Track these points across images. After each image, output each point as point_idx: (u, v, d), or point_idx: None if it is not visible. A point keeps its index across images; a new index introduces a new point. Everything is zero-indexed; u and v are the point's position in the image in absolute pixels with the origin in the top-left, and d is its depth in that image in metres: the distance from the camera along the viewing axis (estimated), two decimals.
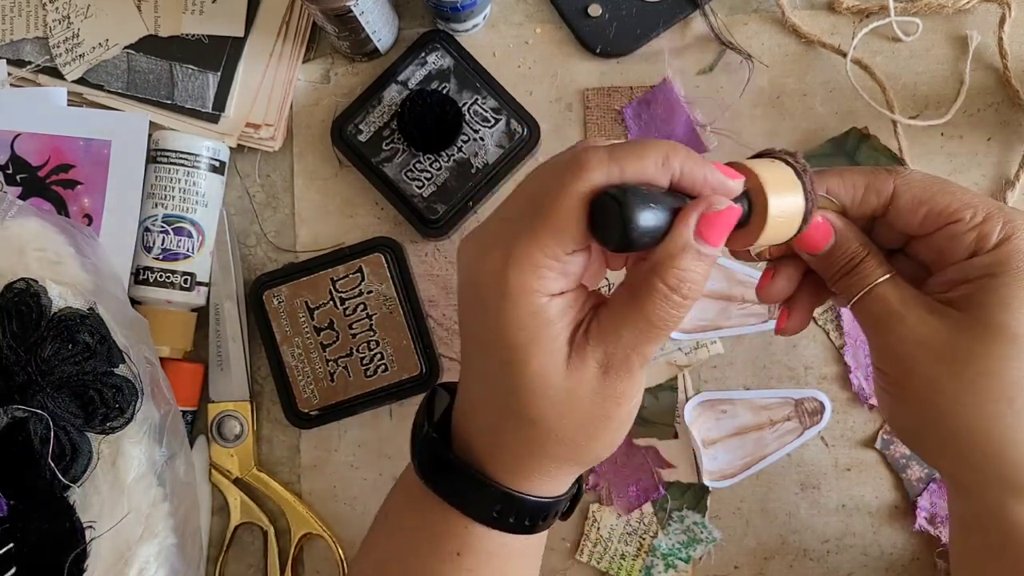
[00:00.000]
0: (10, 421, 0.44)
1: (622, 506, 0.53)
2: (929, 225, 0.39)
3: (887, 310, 0.38)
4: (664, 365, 0.54)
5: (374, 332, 0.53)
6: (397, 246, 0.53)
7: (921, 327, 0.38)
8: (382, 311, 0.53)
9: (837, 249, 0.39)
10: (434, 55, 0.54)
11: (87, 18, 0.55)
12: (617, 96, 0.55)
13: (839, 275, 0.40)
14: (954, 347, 0.37)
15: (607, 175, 0.34)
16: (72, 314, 0.47)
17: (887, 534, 0.53)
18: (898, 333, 0.38)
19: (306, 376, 0.53)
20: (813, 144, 0.54)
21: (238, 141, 0.55)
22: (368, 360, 0.53)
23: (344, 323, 0.53)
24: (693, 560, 0.53)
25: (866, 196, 0.39)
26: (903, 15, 0.54)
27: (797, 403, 0.53)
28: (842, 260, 0.39)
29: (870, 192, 0.39)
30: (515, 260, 0.34)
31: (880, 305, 0.39)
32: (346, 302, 0.53)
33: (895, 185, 0.39)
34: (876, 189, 0.39)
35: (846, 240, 0.39)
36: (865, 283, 0.39)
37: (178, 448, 0.50)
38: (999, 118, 0.54)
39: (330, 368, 0.53)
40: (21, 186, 0.54)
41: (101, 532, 0.46)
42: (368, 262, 0.53)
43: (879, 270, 0.39)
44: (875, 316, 0.39)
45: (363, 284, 0.53)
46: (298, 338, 0.53)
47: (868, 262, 0.39)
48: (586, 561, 0.53)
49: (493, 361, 0.36)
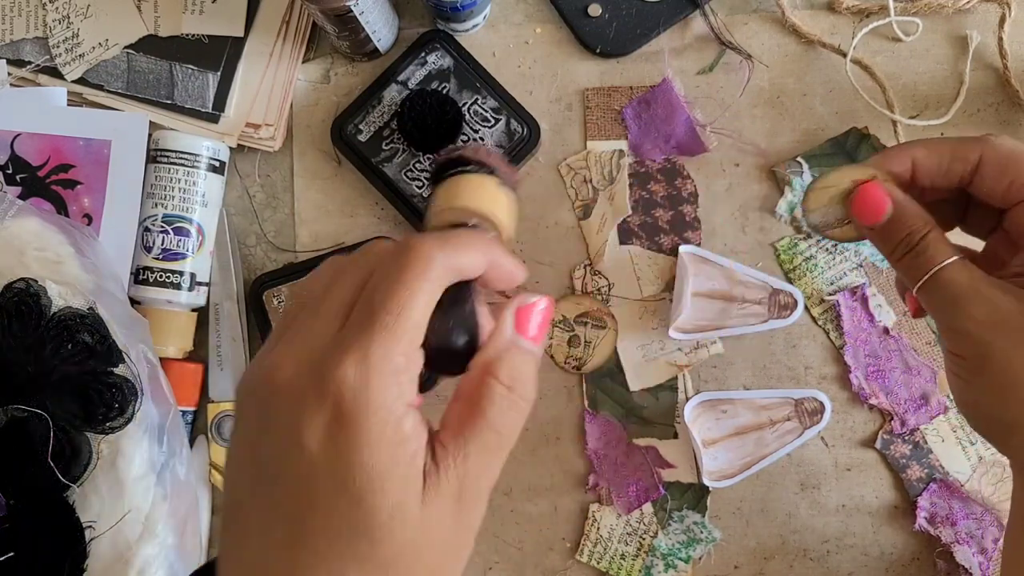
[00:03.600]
0: (10, 421, 0.44)
1: (622, 506, 0.53)
2: (1014, 196, 0.38)
3: (957, 292, 0.37)
4: (664, 365, 0.54)
5: None
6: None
7: (997, 307, 0.36)
8: None
9: (895, 222, 0.38)
10: (434, 55, 0.54)
11: (87, 18, 0.55)
12: (617, 96, 0.55)
13: (901, 252, 0.38)
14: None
15: (444, 267, 0.31)
16: (72, 314, 0.47)
17: (887, 534, 0.53)
18: (971, 315, 0.37)
19: None
20: (813, 144, 0.54)
21: (238, 141, 0.55)
22: None
23: None
24: (693, 560, 0.53)
25: (952, 165, 0.38)
26: (903, 15, 0.54)
27: (797, 403, 0.53)
28: (902, 233, 0.38)
29: (956, 160, 0.38)
30: (375, 366, 0.28)
31: (949, 288, 0.37)
32: None
33: (982, 152, 0.38)
34: (962, 157, 0.38)
35: (905, 212, 0.38)
36: (930, 264, 0.38)
37: (178, 448, 0.50)
38: (999, 118, 0.54)
39: None
40: (21, 186, 0.54)
41: (101, 532, 0.46)
42: None
43: (945, 250, 0.37)
44: (945, 299, 0.37)
45: None
46: None
47: (932, 240, 0.38)
48: (586, 561, 0.53)
49: (326, 503, 0.29)
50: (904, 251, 0.38)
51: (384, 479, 0.28)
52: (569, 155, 0.55)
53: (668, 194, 0.55)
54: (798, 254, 0.54)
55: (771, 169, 0.54)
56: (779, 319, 0.53)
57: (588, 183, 0.55)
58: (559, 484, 0.54)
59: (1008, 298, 0.36)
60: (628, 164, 0.55)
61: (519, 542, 0.54)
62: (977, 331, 0.37)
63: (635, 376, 0.54)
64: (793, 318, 0.53)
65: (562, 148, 0.55)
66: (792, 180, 0.54)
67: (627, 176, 0.55)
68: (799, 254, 0.54)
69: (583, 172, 0.55)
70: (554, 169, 0.55)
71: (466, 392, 0.32)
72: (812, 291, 0.53)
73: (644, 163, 0.55)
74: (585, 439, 0.54)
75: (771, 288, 0.54)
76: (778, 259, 0.54)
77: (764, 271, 0.54)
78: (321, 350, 0.29)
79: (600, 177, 0.55)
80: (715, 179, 0.54)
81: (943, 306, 0.38)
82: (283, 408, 0.29)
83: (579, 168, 0.55)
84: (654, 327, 0.54)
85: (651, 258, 0.54)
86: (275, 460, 0.30)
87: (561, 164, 0.55)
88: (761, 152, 0.54)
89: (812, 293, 0.53)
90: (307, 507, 0.29)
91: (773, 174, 0.54)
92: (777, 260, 0.54)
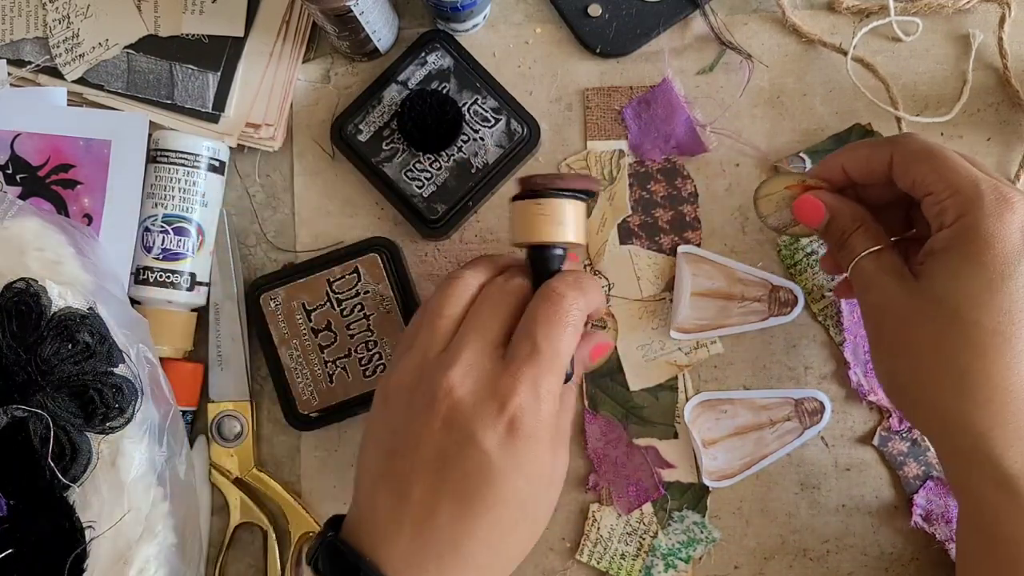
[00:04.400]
0: (10, 421, 0.44)
1: (622, 506, 0.53)
2: (919, 191, 0.42)
3: (866, 279, 0.43)
4: (664, 365, 0.54)
5: (372, 332, 0.53)
6: (393, 246, 0.53)
7: (886, 293, 0.42)
8: (379, 311, 0.53)
9: (832, 223, 0.45)
10: (434, 55, 0.54)
11: (87, 18, 0.55)
12: (617, 96, 0.55)
13: (836, 247, 0.45)
14: (906, 314, 0.41)
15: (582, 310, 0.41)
16: (72, 314, 0.47)
17: (887, 534, 0.53)
18: (868, 299, 0.43)
19: (305, 378, 0.53)
20: (815, 142, 0.54)
21: (238, 141, 0.55)
22: (367, 360, 0.53)
23: (342, 324, 0.53)
24: (693, 560, 0.53)
25: (870, 165, 0.44)
26: (903, 15, 0.54)
27: (797, 403, 0.53)
28: (836, 233, 0.45)
29: (872, 161, 0.44)
30: (543, 395, 0.40)
31: (861, 275, 0.43)
32: (343, 303, 0.53)
33: (892, 151, 0.43)
34: (877, 157, 0.43)
35: (839, 215, 0.45)
36: (852, 256, 0.44)
37: (178, 448, 0.50)
38: (999, 118, 0.54)
39: (329, 369, 0.53)
40: (21, 186, 0.54)
41: (101, 532, 0.46)
42: (364, 262, 0.53)
43: (865, 243, 0.43)
44: (858, 284, 0.44)
45: (360, 284, 0.53)
46: (296, 340, 0.53)
47: (856, 236, 0.44)
48: (586, 561, 0.53)
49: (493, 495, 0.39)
50: (838, 246, 0.45)
51: (543, 480, 0.40)
52: (569, 155, 0.55)
53: (668, 194, 0.55)
54: (799, 250, 0.54)
55: (773, 164, 0.54)
56: (780, 316, 0.53)
57: None
58: None
59: (896, 285, 0.42)
60: (628, 164, 0.55)
61: None
62: (872, 313, 0.43)
63: (635, 376, 0.54)
64: (794, 314, 0.53)
65: (562, 148, 0.55)
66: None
67: (627, 176, 0.55)
68: (800, 250, 0.54)
69: (583, 172, 0.55)
70: (554, 169, 0.55)
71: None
72: (813, 287, 0.53)
73: (644, 163, 0.55)
74: (585, 439, 0.54)
75: (771, 285, 0.54)
76: (779, 255, 0.54)
77: (764, 270, 0.54)
78: (491, 373, 0.39)
79: (600, 177, 0.55)
80: (715, 179, 0.54)
81: (858, 288, 0.44)
82: (461, 415, 0.39)
83: (579, 168, 0.55)
84: (654, 327, 0.54)
85: (651, 258, 0.54)
86: (448, 451, 0.38)
87: (561, 164, 0.55)
88: (762, 155, 0.54)
89: (813, 289, 0.53)
90: (475, 493, 0.38)
91: (775, 169, 0.54)
92: (779, 256, 0.54)
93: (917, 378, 0.41)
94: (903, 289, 0.41)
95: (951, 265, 0.39)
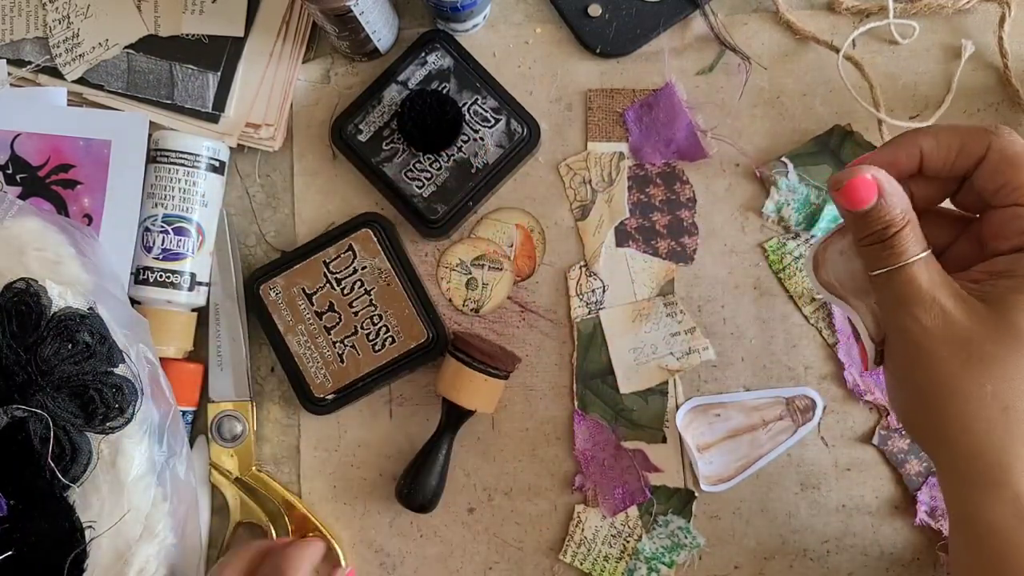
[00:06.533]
0: (10, 421, 0.44)
1: (607, 508, 0.53)
2: (1001, 199, 0.37)
3: (913, 292, 0.36)
4: (655, 369, 0.54)
5: (375, 306, 0.53)
6: (384, 219, 0.54)
7: (943, 317, 0.36)
8: (379, 284, 0.53)
9: (877, 211, 0.37)
10: (434, 55, 0.54)
11: (87, 18, 0.55)
12: (620, 98, 0.55)
13: (873, 240, 0.37)
14: (970, 344, 0.35)
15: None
16: (72, 314, 0.47)
17: (887, 534, 0.53)
18: (918, 317, 0.36)
19: (315, 362, 0.53)
20: (799, 143, 0.54)
21: (238, 141, 0.55)
22: (374, 335, 0.53)
23: (344, 303, 0.53)
24: (676, 565, 0.53)
25: (959, 159, 0.38)
26: (903, 15, 0.54)
27: (788, 401, 0.53)
28: (878, 224, 0.37)
29: (963, 155, 0.37)
30: None
31: (907, 286, 0.36)
32: (342, 282, 0.53)
33: (989, 145, 0.37)
34: (969, 152, 0.37)
35: (890, 204, 0.36)
36: (899, 259, 0.37)
37: (178, 448, 0.50)
38: (999, 118, 0.54)
39: (338, 350, 0.53)
40: (21, 186, 0.54)
41: (101, 532, 0.46)
42: (357, 239, 0.53)
43: (915, 247, 0.36)
44: (899, 294, 0.37)
45: (356, 261, 0.53)
46: (301, 326, 0.53)
47: (906, 235, 0.36)
48: (569, 562, 0.53)
49: None
50: (875, 240, 0.37)
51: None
52: (569, 155, 0.55)
53: (667, 198, 0.55)
54: (787, 254, 0.54)
55: (755, 169, 0.54)
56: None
57: (587, 184, 0.55)
58: (547, 485, 0.54)
59: (956, 309, 0.36)
60: (628, 167, 0.55)
61: (519, 542, 0.54)
62: (920, 336, 0.36)
63: (626, 379, 0.54)
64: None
65: (562, 148, 0.55)
66: (778, 180, 0.53)
67: (626, 179, 0.55)
68: (787, 253, 0.54)
69: (582, 173, 0.55)
70: (554, 169, 0.55)
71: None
72: (802, 290, 0.53)
73: (644, 166, 0.55)
74: (574, 439, 0.54)
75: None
76: (767, 259, 0.54)
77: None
78: None
79: (599, 179, 0.55)
80: (715, 179, 0.54)
81: (895, 300, 0.37)
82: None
83: (579, 169, 0.55)
84: (647, 330, 0.54)
85: (646, 261, 0.54)
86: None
87: (561, 164, 0.55)
88: (759, 164, 0.54)
89: (802, 292, 0.53)
90: None
91: (758, 176, 0.54)
92: (767, 261, 0.54)
93: (960, 411, 0.36)
94: (969, 315, 0.36)
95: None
